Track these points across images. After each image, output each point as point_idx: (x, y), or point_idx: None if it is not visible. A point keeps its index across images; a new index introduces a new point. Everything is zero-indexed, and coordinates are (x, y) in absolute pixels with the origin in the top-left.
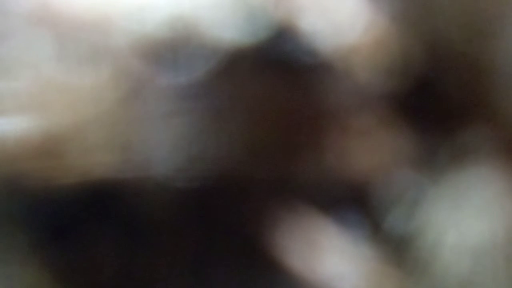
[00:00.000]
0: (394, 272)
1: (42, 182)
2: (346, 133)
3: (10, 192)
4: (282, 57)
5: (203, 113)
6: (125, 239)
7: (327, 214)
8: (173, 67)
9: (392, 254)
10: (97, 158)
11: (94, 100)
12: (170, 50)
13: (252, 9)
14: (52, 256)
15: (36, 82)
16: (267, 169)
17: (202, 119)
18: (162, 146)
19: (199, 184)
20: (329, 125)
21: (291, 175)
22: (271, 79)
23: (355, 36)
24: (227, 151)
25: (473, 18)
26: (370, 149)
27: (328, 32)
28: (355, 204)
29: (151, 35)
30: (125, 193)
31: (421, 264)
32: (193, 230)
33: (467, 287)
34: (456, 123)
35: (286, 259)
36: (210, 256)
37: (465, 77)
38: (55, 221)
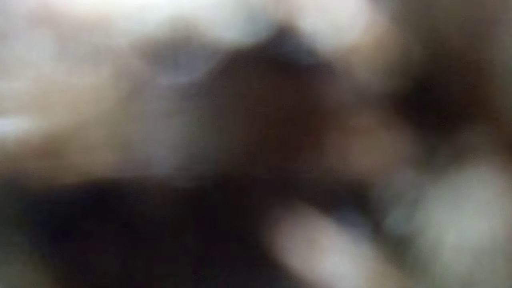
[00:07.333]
0: (394, 272)
1: (42, 182)
2: (346, 133)
3: (10, 192)
4: (282, 57)
5: (204, 112)
6: (125, 238)
7: (327, 214)
8: (174, 67)
9: (392, 254)
10: (97, 158)
11: (95, 99)
12: (170, 50)
13: (252, 9)
14: (52, 255)
15: (36, 82)
16: (267, 169)
17: (202, 118)
18: (162, 146)
19: (199, 184)
20: (329, 125)
21: (291, 175)
22: (271, 79)
23: (355, 36)
24: (227, 151)
25: (473, 19)
26: (370, 149)
27: (328, 32)
28: (355, 204)
29: (152, 35)
30: (126, 193)
31: (421, 264)
32: (193, 229)
33: (467, 287)
34: (456, 123)
35: (286, 259)
36: (210, 255)
37: (465, 77)
38: (55, 221)
